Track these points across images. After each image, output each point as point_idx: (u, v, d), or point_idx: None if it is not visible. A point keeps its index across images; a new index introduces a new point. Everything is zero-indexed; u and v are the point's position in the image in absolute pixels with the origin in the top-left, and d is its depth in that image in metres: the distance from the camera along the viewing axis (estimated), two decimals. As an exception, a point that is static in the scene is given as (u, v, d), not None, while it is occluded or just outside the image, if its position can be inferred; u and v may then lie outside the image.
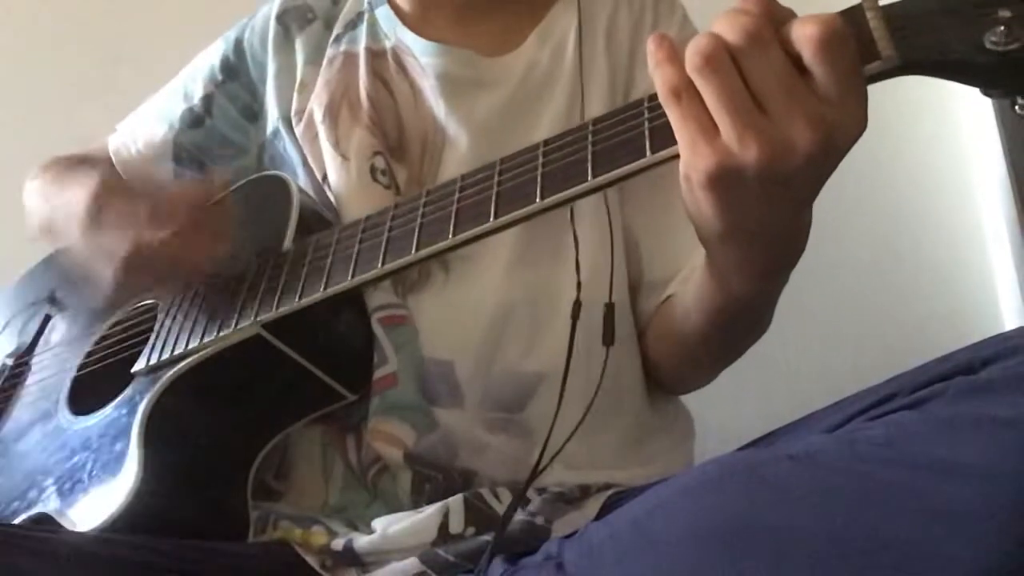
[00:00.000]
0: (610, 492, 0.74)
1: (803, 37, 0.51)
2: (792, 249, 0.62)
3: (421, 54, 0.85)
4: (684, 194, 0.58)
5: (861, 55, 0.52)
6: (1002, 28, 0.48)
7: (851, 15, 0.53)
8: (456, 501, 0.72)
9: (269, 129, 0.91)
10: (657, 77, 0.55)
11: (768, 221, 0.58)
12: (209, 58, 0.96)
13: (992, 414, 0.48)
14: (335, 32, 0.91)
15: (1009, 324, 1.40)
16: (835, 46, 0.51)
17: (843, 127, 0.52)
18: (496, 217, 0.62)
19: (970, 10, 0.50)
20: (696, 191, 0.56)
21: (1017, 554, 0.43)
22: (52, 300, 1.00)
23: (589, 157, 0.59)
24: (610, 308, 0.77)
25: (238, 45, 0.94)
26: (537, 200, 0.60)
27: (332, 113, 0.86)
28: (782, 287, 0.68)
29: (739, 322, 0.73)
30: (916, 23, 0.51)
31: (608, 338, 0.76)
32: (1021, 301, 1.34)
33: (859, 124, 0.52)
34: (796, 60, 0.51)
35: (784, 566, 0.48)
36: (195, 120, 0.94)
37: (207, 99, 0.94)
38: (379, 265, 0.67)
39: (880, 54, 0.51)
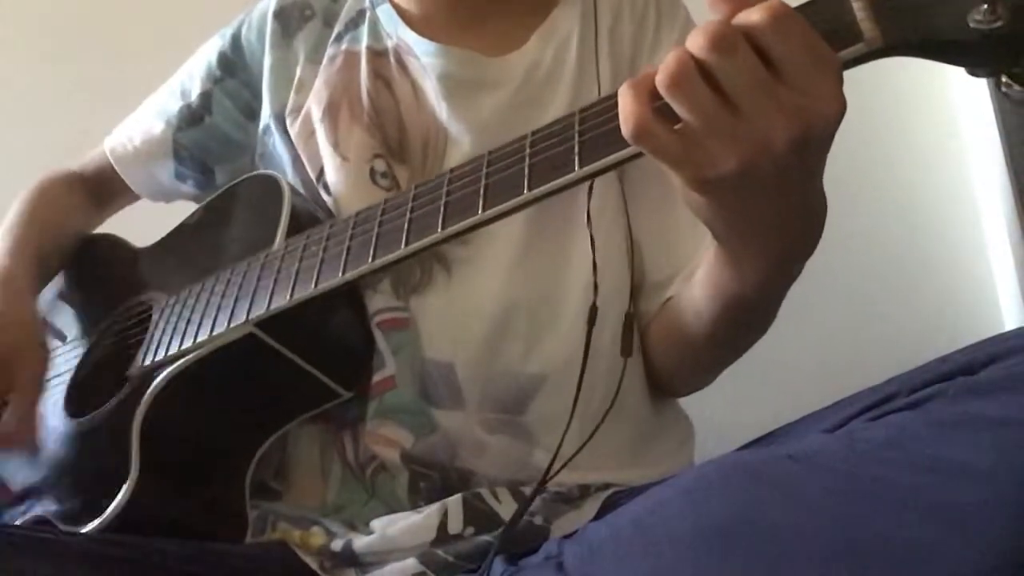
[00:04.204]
0: (609, 492, 0.74)
1: (752, 24, 0.50)
2: (805, 237, 0.61)
3: (423, 54, 0.84)
4: (681, 195, 0.58)
5: (843, 38, 0.51)
6: (985, 6, 0.48)
7: None
8: (455, 501, 0.72)
9: (261, 125, 0.91)
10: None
11: (770, 213, 0.57)
12: (206, 55, 0.95)
13: (992, 414, 0.48)
14: (336, 30, 0.89)
15: (1009, 324, 1.40)
16: (784, 23, 0.50)
17: (817, 109, 0.51)
18: (484, 209, 0.62)
19: None
20: (688, 196, 0.56)
21: (1017, 553, 0.43)
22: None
23: (576, 147, 0.58)
24: (629, 318, 0.76)
25: (235, 41, 0.93)
26: (525, 191, 0.60)
27: (332, 112, 0.85)
28: (795, 277, 0.67)
29: (750, 314, 0.72)
30: (898, 3, 0.50)
31: (627, 349, 0.76)
32: (1021, 301, 1.34)
33: (833, 104, 0.51)
34: (763, 54, 0.51)
35: (784, 566, 0.48)
36: (193, 118, 0.94)
37: (205, 96, 0.93)
38: (369, 260, 0.67)
39: (863, 35, 0.51)
